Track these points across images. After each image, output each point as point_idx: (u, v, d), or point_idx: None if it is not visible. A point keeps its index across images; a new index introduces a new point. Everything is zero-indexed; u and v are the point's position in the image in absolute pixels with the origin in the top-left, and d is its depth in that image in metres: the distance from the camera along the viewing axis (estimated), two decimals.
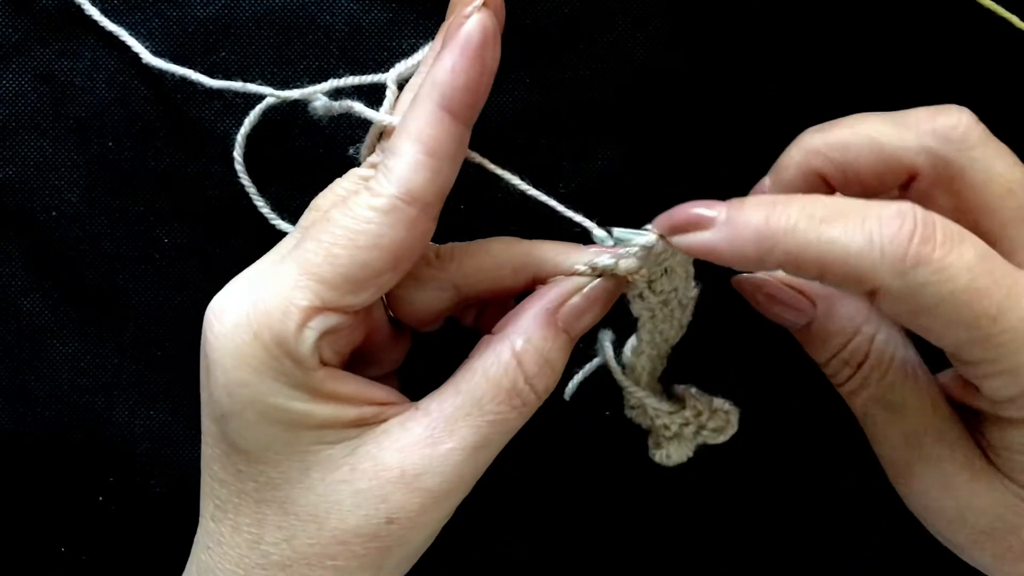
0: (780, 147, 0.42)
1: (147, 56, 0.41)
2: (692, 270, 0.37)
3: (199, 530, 0.36)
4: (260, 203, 0.41)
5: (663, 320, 0.37)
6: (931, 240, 0.30)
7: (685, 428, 0.39)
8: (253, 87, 0.40)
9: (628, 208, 0.39)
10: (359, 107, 0.37)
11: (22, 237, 0.43)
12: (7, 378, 0.44)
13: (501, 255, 0.37)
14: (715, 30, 0.42)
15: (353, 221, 0.32)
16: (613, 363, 0.38)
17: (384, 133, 0.36)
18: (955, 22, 0.42)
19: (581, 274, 0.36)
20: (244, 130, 0.41)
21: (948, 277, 0.30)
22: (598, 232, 0.37)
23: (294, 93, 0.39)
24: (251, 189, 0.41)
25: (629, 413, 0.40)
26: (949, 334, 0.31)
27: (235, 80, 0.41)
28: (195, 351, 0.44)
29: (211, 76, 0.41)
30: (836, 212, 0.31)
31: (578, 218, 0.37)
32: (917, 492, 0.35)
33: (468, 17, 0.33)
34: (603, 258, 0.36)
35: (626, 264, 0.35)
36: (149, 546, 0.45)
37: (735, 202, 0.32)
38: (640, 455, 0.45)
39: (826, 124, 0.35)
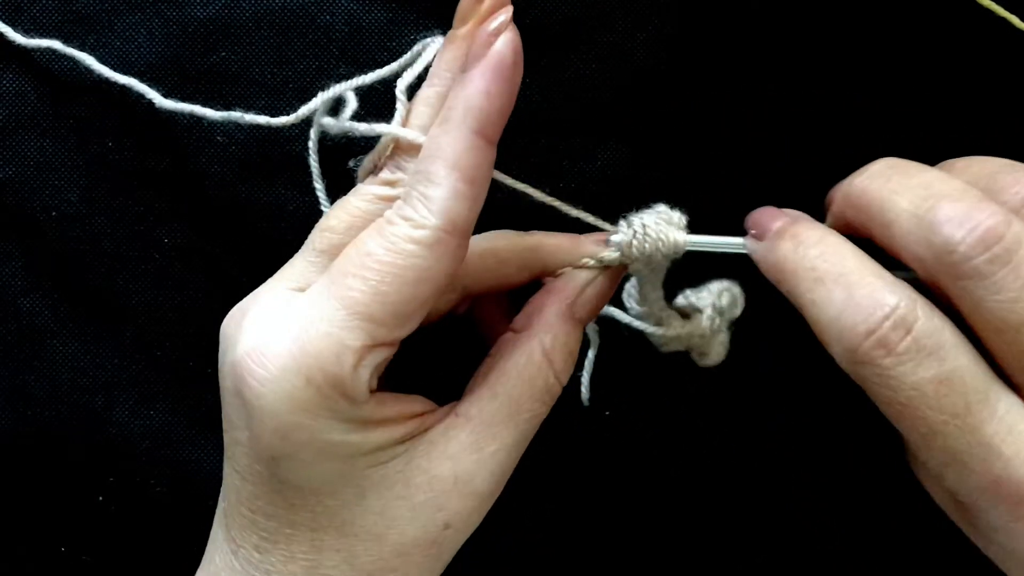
0: (780, 147, 0.43)
1: (159, 100, 0.40)
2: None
3: (230, 558, 0.35)
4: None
5: (658, 269, 0.39)
6: (889, 345, 0.30)
7: (713, 325, 0.40)
8: (256, 117, 0.39)
9: (628, 208, 0.39)
10: (381, 127, 0.35)
11: (22, 237, 0.43)
12: (7, 378, 0.44)
13: (507, 253, 0.38)
14: (715, 30, 0.42)
15: (398, 256, 0.32)
16: (639, 324, 0.40)
17: (396, 147, 0.35)
18: (955, 22, 0.42)
19: (589, 267, 0.37)
20: (313, 156, 0.39)
21: (889, 386, 0.30)
22: (616, 236, 0.38)
23: (301, 111, 0.38)
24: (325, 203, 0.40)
25: (665, 350, 0.40)
26: (894, 423, 0.31)
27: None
28: (195, 351, 0.44)
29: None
30: (835, 274, 0.32)
31: (606, 225, 0.38)
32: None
33: (495, 34, 0.32)
34: (609, 253, 0.37)
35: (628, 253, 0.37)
36: (149, 546, 0.45)
37: (793, 221, 0.34)
38: (640, 455, 0.45)
39: (875, 172, 0.34)
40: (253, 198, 0.43)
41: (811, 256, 0.32)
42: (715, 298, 0.40)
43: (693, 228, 0.38)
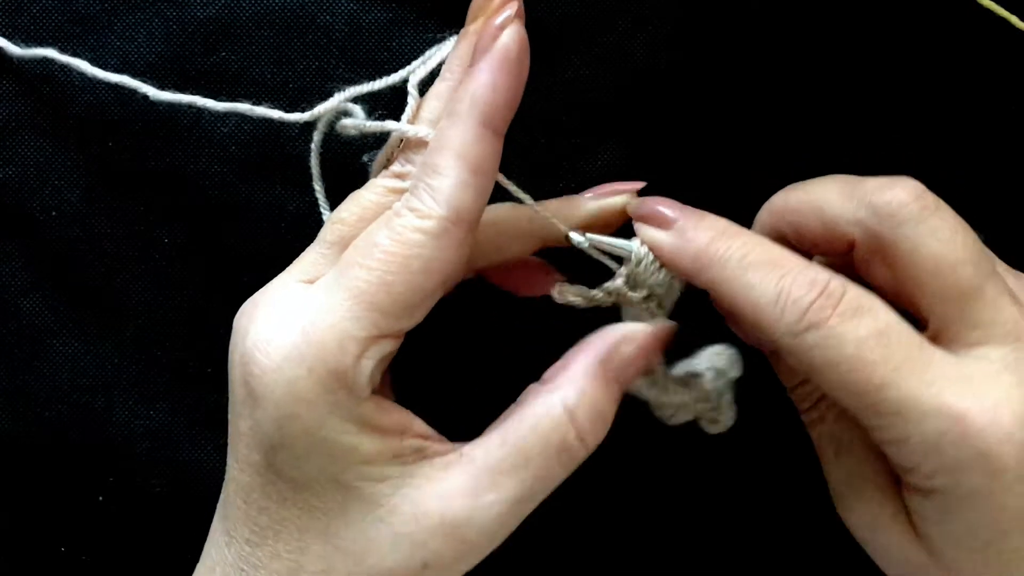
0: (780, 147, 0.43)
1: (154, 93, 0.39)
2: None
3: (224, 550, 0.35)
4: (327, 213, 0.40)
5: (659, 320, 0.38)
6: (829, 308, 0.32)
7: (716, 387, 0.39)
8: (268, 111, 0.39)
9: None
10: (392, 124, 0.36)
11: (22, 237, 0.43)
12: (7, 378, 0.44)
13: (504, 224, 0.38)
14: (715, 30, 0.42)
15: (403, 246, 0.32)
16: (642, 393, 0.38)
17: (406, 143, 0.36)
18: (955, 22, 0.42)
19: (598, 301, 0.37)
20: (315, 159, 0.39)
21: (834, 344, 0.31)
22: (575, 236, 0.37)
23: (318, 109, 0.38)
24: (324, 208, 0.40)
25: (673, 422, 0.40)
26: (841, 397, 0.32)
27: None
28: (195, 351, 0.44)
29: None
30: (766, 260, 0.33)
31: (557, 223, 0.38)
32: (853, 525, 0.37)
33: (501, 28, 0.33)
34: (616, 283, 0.37)
35: (633, 284, 0.37)
36: (149, 546, 0.45)
37: (696, 215, 0.35)
38: (640, 455, 0.45)
39: (796, 184, 0.37)
40: (253, 198, 0.43)
41: (736, 246, 0.34)
42: (711, 360, 0.39)
43: None
